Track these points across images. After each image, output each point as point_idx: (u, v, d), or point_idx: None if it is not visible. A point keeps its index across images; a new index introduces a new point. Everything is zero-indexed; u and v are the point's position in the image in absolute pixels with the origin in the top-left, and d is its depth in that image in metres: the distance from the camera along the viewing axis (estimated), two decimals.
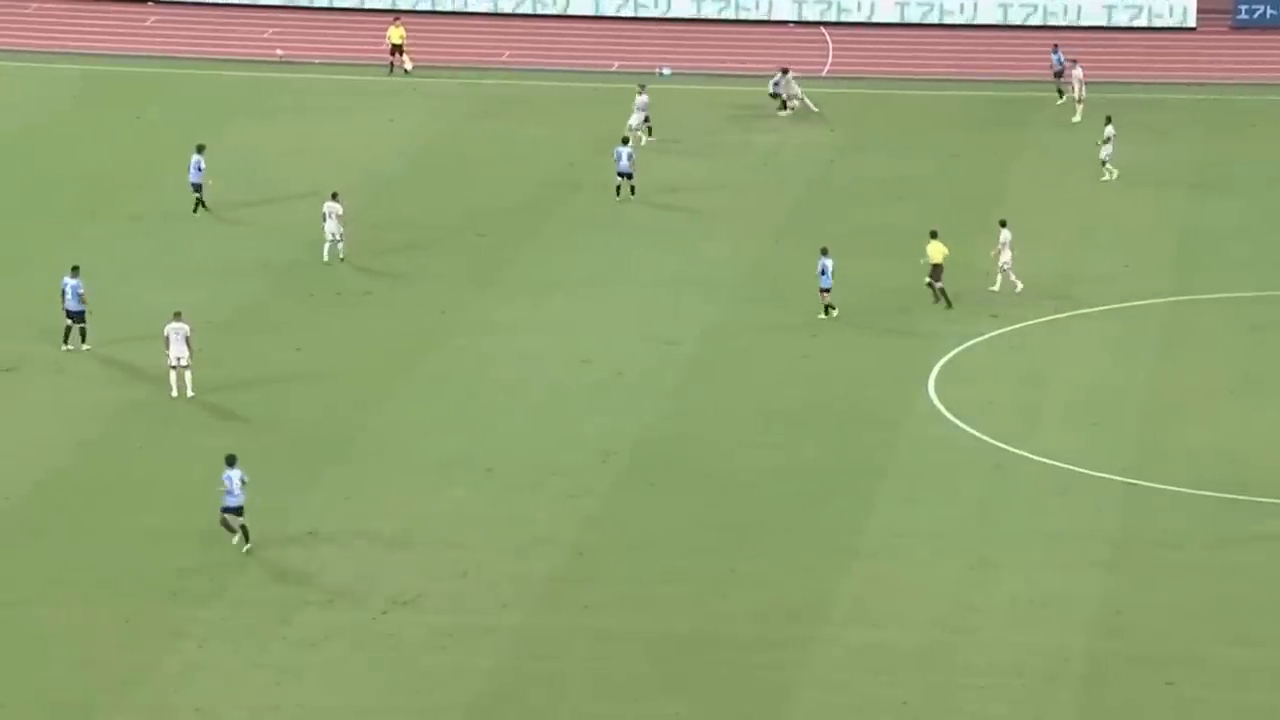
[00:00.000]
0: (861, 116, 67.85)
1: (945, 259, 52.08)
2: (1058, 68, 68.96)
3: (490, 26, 77.03)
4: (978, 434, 45.87)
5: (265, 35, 75.96)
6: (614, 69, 73.25)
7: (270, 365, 49.29)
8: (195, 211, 57.97)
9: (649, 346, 50.41)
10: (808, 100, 66.79)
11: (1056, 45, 70.04)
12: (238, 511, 40.46)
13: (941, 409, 47.15)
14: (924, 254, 52.35)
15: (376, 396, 47.62)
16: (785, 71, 66.82)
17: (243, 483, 40.49)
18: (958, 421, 46.49)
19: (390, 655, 37.22)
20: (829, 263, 51.24)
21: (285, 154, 64.16)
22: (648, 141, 63.78)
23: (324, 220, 54.70)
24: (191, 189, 57.95)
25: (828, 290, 51.29)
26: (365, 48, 74.16)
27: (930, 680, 36.69)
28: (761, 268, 55.23)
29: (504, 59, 74.31)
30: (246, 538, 40.60)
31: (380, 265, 55.39)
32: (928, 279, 52.15)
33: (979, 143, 65.87)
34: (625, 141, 60.10)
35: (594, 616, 38.58)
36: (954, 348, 50.33)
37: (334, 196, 54.92)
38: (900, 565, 40.42)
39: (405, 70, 71.61)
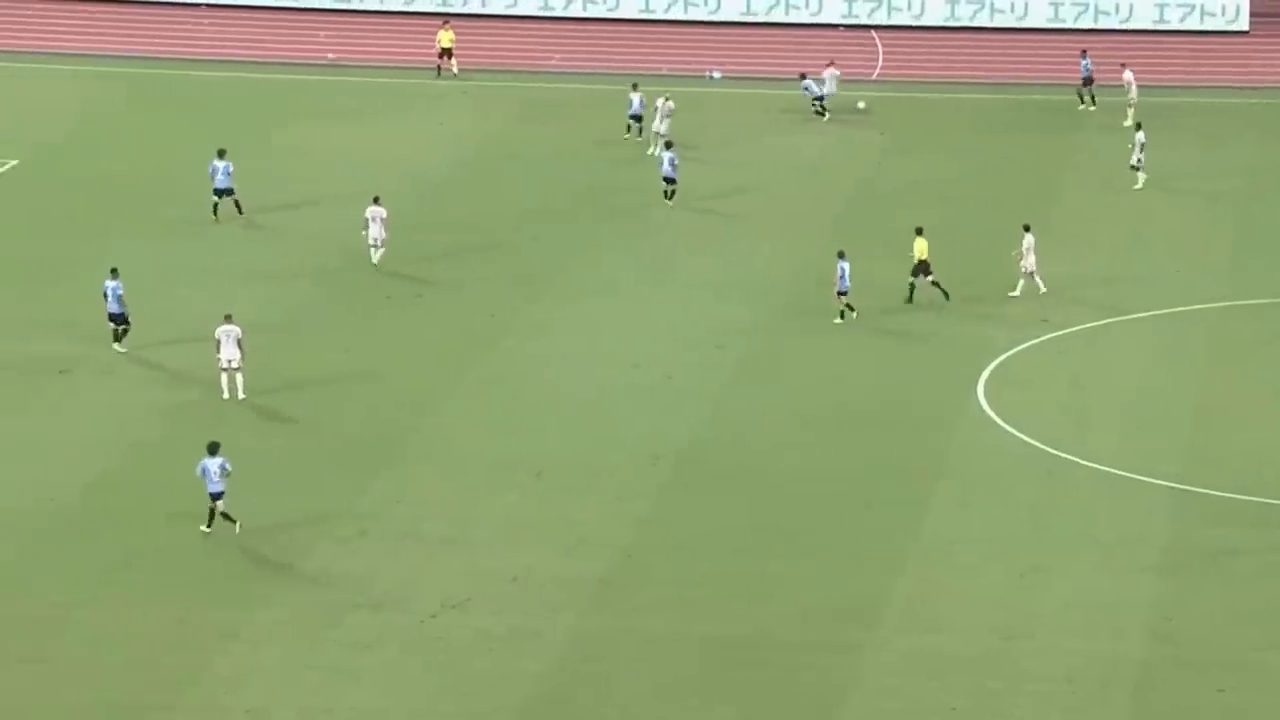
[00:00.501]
0: (910, 119, 67.66)
1: (928, 255, 52.31)
2: (1085, 74, 68.48)
3: (539, 29, 77.04)
4: (1028, 439, 45.69)
5: (317, 38, 76.12)
6: (663, 72, 73.20)
7: (321, 368, 49.36)
8: (218, 217, 57.63)
9: (697, 350, 50.34)
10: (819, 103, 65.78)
11: (1085, 51, 69.53)
12: (217, 497, 40.80)
13: (991, 414, 46.99)
14: (911, 250, 52.59)
15: (426, 399, 47.65)
16: (804, 76, 66.29)
17: (223, 470, 40.85)
18: (1008, 426, 46.33)
19: (440, 658, 37.26)
20: (846, 265, 51.17)
21: (335, 157, 64.22)
22: (626, 139, 63.68)
23: (366, 225, 54.59)
24: (215, 194, 57.55)
25: (844, 293, 51.20)
26: (416, 51, 74.24)
27: (981, 686, 36.54)
28: (809, 271, 55.08)
29: (553, 62, 74.33)
30: (231, 520, 40.95)
31: (430, 268, 55.44)
32: (912, 276, 52.16)
33: (1029, 146, 65.58)
34: (669, 146, 60.02)
35: (643, 619, 38.55)
36: (1004, 352, 50.15)
37: (376, 201, 54.91)
38: (951, 570, 40.30)
39: (453, 74, 71.70)
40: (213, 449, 41.20)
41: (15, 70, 72.74)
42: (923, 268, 52.35)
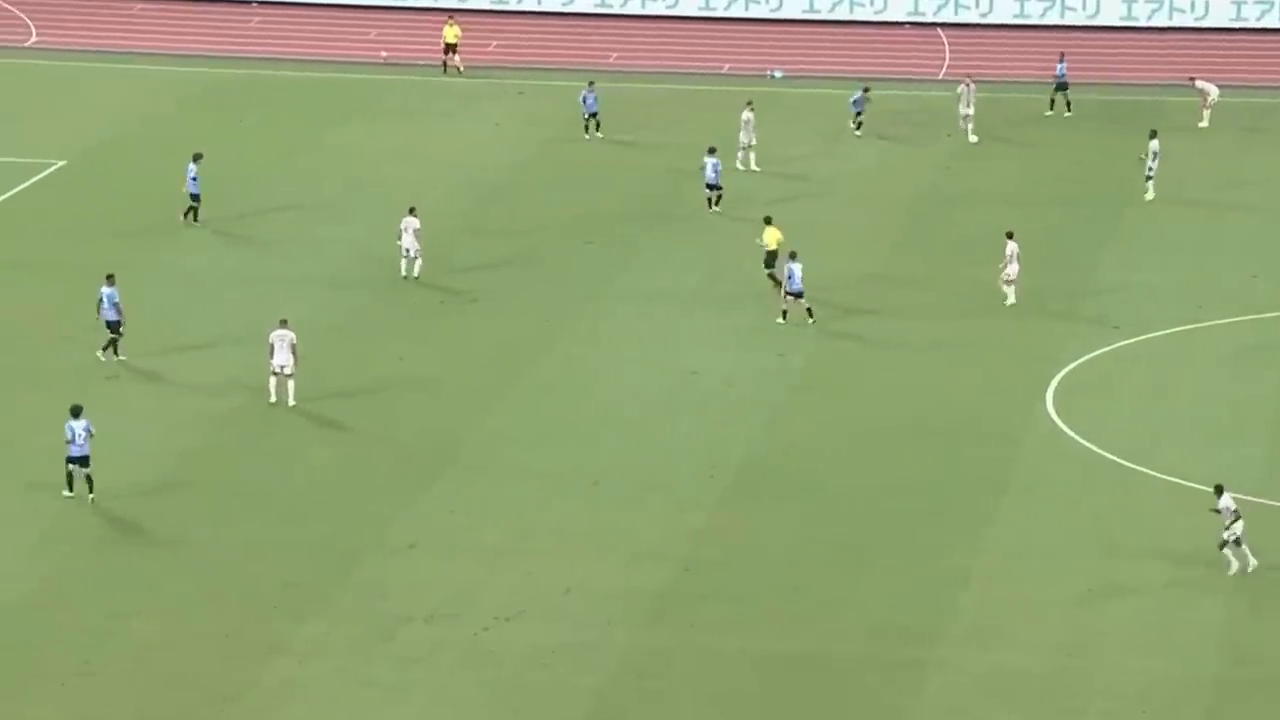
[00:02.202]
0: (978, 121, 66.55)
1: (780, 245, 51.92)
2: (1060, 78, 67.12)
3: (597, 27, 76.41)
4: (1099, 450, 44.84)
5: (369, 37, 75.60)
6: (724, 71, 72.41)
7: (373, 374, 48.76)
8: (187, 219, 56.79)
9: (758, 358, 49.58)
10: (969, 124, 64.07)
11: (1063, 54, 68.16)
12: (82, 462, 41.47)
13: (1061, 424, 46.13)
14: (761, 239, 52.40)
15: (481, 406, 47.00)
16: (867, 90, 64.92)
17: (88, 433, 41.48)
18: (1078, 437, 45.48)
19: (493, 672, 36.73)
20: (796, 267, 50.62)
21: (388, 158, 63.74)
22: (591, 137, 63.06)
23: (400, 235, 53.71)
24: (190, 198, 56.80)
25: (798, 295, 50.53)
26: (472, 50, 73.65)
27: (1050, 706, 35.81)
28: (872, 278, 54.26)
29: (611, 61, 73.61)
30: (90, 488, 41.57)
31: (484, 273, 54.75)
32: (765, 267, 51.88)
33: (1101, 148, 64.48)
34: (712, 152, 58.95)
35: (701, 634, 37.90)
36: (1073, 360, 49.26)
37: (411, 211, 54.00)
38: (1018, 585, 39.52)
39: (458, 70, 71.04)
40: (76, 411, 41.76)
41: (63, 70, 72.52)
42: (772, 258, 51.76)
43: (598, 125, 64.05)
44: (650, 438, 45.47)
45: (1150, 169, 59.26)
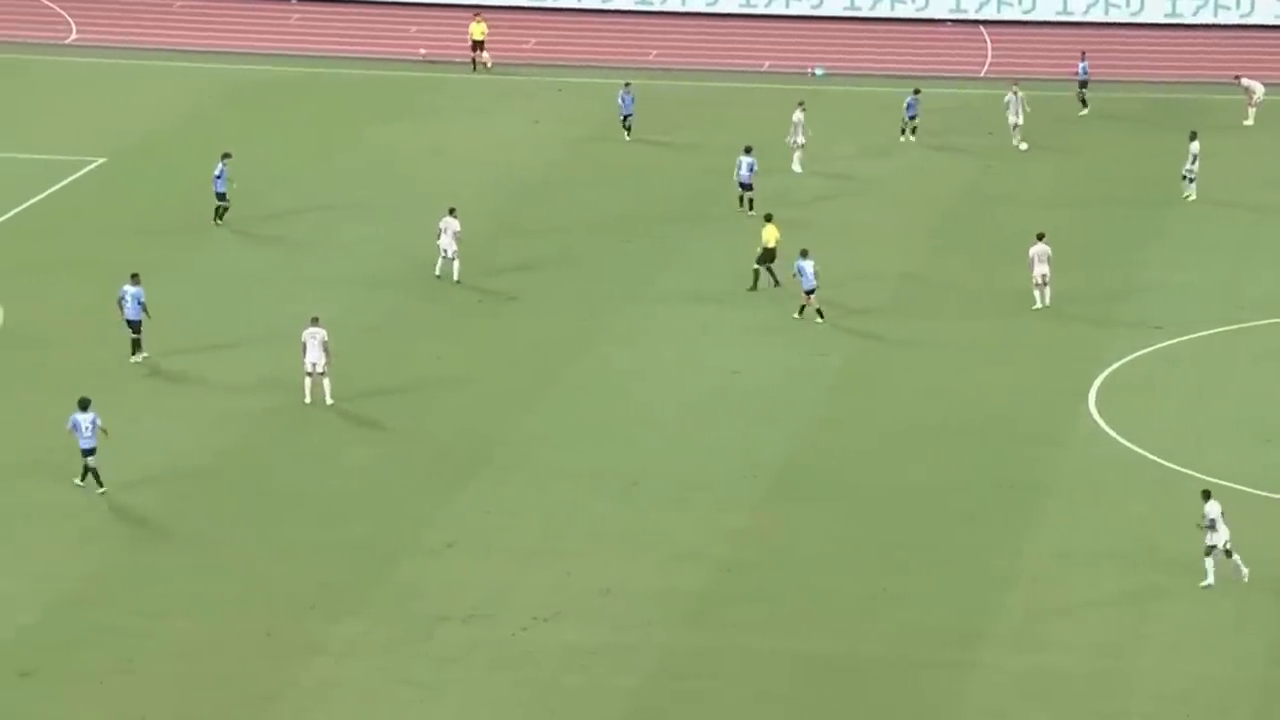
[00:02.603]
0: (1025, 129, 66.02)
1: (778, 243, 51.71)
2: (1083, 77, 66.58)
3: (636, 24, 76.19)
4: (1143, 451, 44.47)
5: (409, 34, 75.50)
6: (765, 68, 72.10)
7: (409, 373, 48.60)
8: (217, 220, 56.63)
9: (796, 358, 49.30)
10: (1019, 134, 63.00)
11: (1085, 53, 67.66)
12: (90, 454, 42.11)
13: (1104, 425, 45.75)
14: (760, 238, 52.18)
15: (518, 406, 46.82)
16: (917, 92, 64.23)
17: (95, 426, 42.09)
18: (1121, 438, 45.12)
19: (531, 674, 36.58)
20: (806, 264, 50.38)
21: (426, 156, 63.63)
22: (630, 139, 62.80)
23: (439, 235, 53.49)
24: (216, 198, 56.58)
25: (811, 292, 50.31)
26: (510, 46, 73.51)
27: (1093, 709, 35.52)
28: (913, 277, 53.97)
29: (651, 58, 73.37)
30: (99, 481, 42.11)
31: (521, 272, 54.56)
32: (756, 263, 51.67)
33: (1143, 147, 64.01)
34: (748, 151, 58.59)
35: (740, 636, 37.70)
36: (1116, 360, 48.89)
37: (451, 212, 53.76)
38: (1061, 588, 39.21)
39: (486, 66, 70.88)
40: (83, 404, 42.25)
41: (103, 67, 72.58)
42: (769, 255, 51.51)
43: (628, 129, 63.62)
44: (689, 438, 45.23)
45: (1190, 171, 58.71)
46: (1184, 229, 57.00)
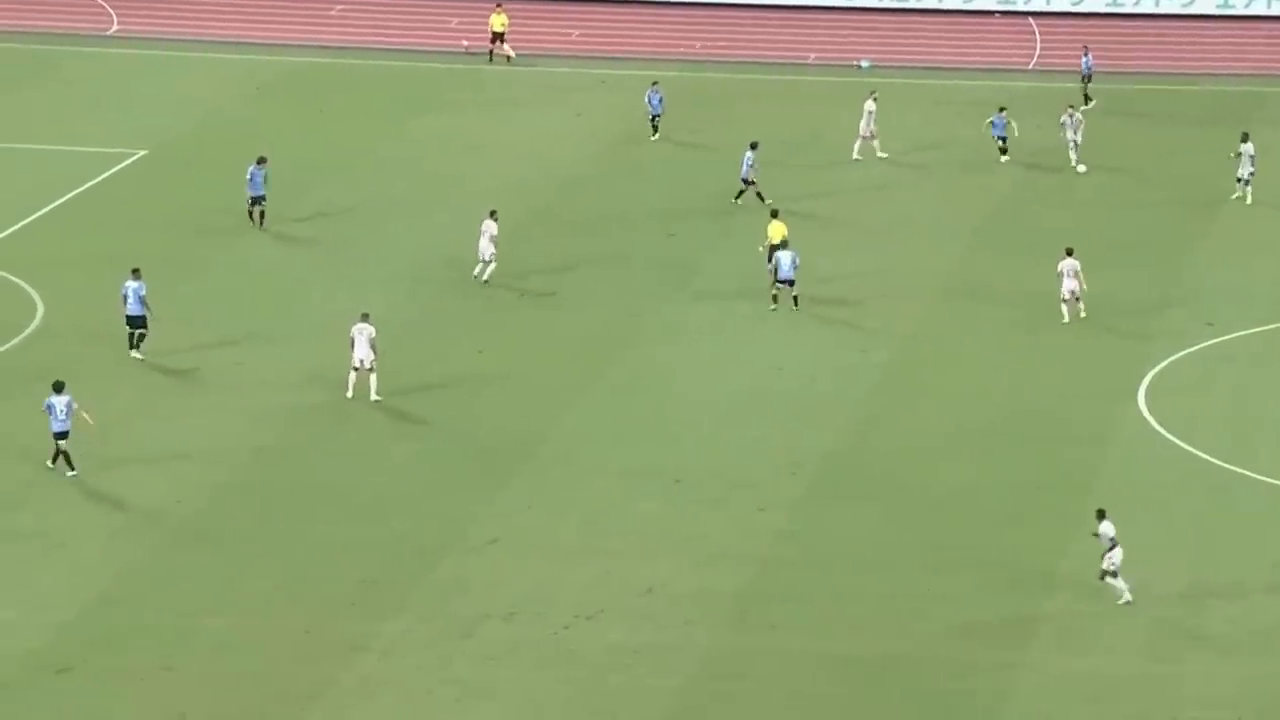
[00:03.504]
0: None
1: (785, 239, 51.19)
2: (1086, 71, 65.80)
3: (681, 17, 75.79)
4: (1193, 450, 44.03)
5: (451, 26, 75.25)
6: (810, 60, 71.63)
7: (452, 368, 48.39)
8: (261, 225, 56.05)
9: (841, 354, 48.91)
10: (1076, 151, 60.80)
11: (1087, 47, 66.86)
12: (62, 436, 42.21)
13: (1154, 423, 45.31)
14: (764, 235, 51.59)
15: (560, 403, 46.56)
16: (1003, 110, 61.67)
17: (69, 409, 42.17)
18: (1171, 437, 44.72)
19: (572, 672, 36.39)
20: (784, 256, 50.09)
21: (468, 150, 63.35)
22: (658, 138, 62.07)
23: (479, 236, 53.11)
24: (252, 201, 55.90)
25: (789, 283, 49.99)
26: (553, 38, 73.23)
27: (1140, 712, 35.19)
28: (960, 273, 53.55)
29: (695, 50, 72.98)
30: (70, 464, 42.18)
31: (564, 267, 54.25)
32: (768, 261, 51.12)
33: (1196, 142, 63.35)
34: (753, 147, 57.97)
35: (782, 636, 37.45)
36: (1166, 358, 48.42)
37: (492, 215, 53.39)
38: (1108, 588, 38.59)
39: (507, 58, 70.58)
40: (58, 387, 42.50)
41: (145, 59, 72.49)
42: (775, 252, 51.17)
43: (656, 128, 63.01)
44: (730, 436, 44.93)
45: (1246, 173, 57.67)
46: (1234, 227, 56.39)
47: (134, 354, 48.13)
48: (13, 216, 57.53)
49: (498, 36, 71.27)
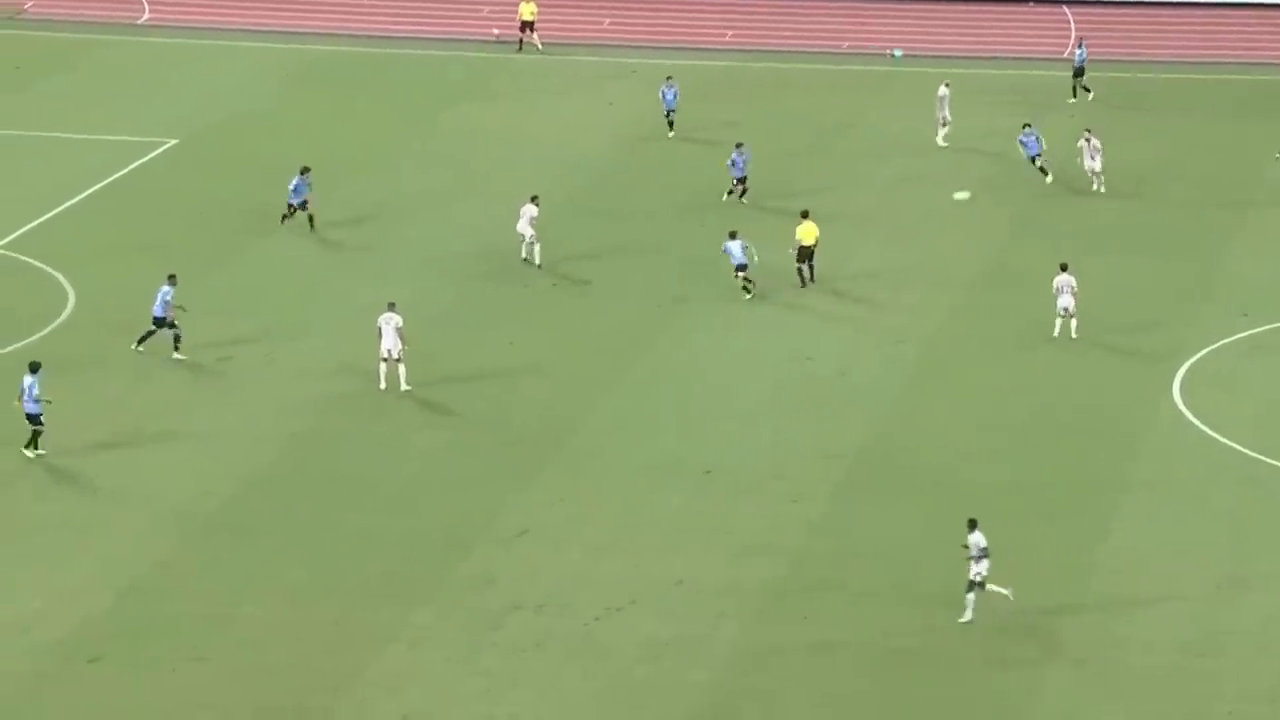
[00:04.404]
0: (1104, 102, 65.18)
1: (817, 241, 50.92)
2: (1079, 64, 65.14)
3: (713, 5, 75.53)
4: (1228, 442, 43.70)
5: (482, 14, 75.10)
6: (844, 49, 71.31)
7: (483, 360, 48.22)
8: (311, 228, 55.67)
9: (875, 345, 48.68)
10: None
11: (1082, 40, 66.26)
12: (32, 419, 42.63)
13: (1189, 415, 44.99)
14: (794, 235, 51.22)
15: (592, 394, 46.38)
16: (1028, 125, 59.33)
17: (29, 391, 42.37)
18: (1206, 429, 44.37)
19: (602, 665, 36.25)
20: (734, 245, 50.07)
21: (500, 139, 63.18)
22: (673, 135, 61.67)
23: (518, 219, 52.89)
24: (299, 207, 55.18)
25: (743, 268, 50.01)
26: (585, 27, 73.00)
27: (1175, 706, 34.95)
28: (994, 265, 53.21)
29: (728, 39, 72.74)
30: (35, 444, 42.72)
31: (596, 257, 54.05)
32: (797, 262, 50.90)
33: (1231, 133, 62.97)
34: (739, 147, 57.43)
35: (814, 629, 37.24)
36: (1201, 349, 48.04)
37: (533, 200, 53.19)
38: (1144, 583, 38.57)
39: (537, 48, 70.31)
40: (33, 368, 42.85)
41: (176, 47, 72.47)
42: (807, 253, 50.88)
43: (671, 124, 62.59)
44: (763, 427, 44.72)
45: None
46: (1270, 218, 55.95)
47: (135, 348, 47.98)
48: (44, 205, 57.52)
49: (527, 25, 71.09)
